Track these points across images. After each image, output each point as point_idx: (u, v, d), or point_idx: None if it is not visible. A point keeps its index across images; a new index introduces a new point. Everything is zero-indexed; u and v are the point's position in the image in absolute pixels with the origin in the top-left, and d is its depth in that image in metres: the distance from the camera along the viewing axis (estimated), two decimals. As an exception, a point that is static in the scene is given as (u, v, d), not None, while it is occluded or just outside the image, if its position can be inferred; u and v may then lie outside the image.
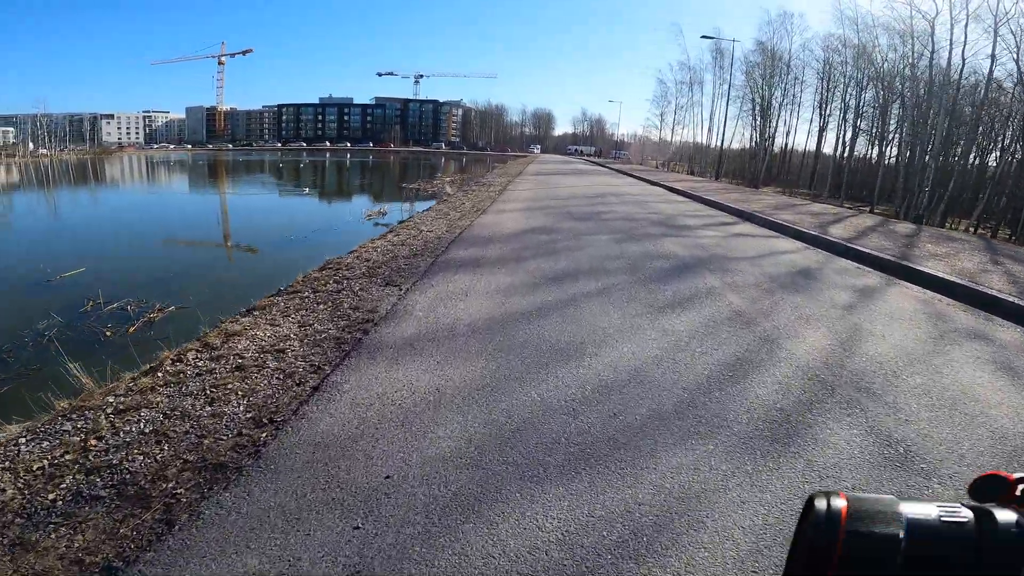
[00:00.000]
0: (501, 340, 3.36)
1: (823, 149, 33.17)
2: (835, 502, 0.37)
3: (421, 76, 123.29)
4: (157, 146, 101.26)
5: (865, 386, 2.91)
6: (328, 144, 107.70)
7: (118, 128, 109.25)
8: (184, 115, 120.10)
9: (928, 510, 0.37)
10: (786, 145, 36.18)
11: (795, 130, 36.38)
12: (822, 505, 0.37)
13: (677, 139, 45.92)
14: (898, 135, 26.48)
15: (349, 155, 76.99)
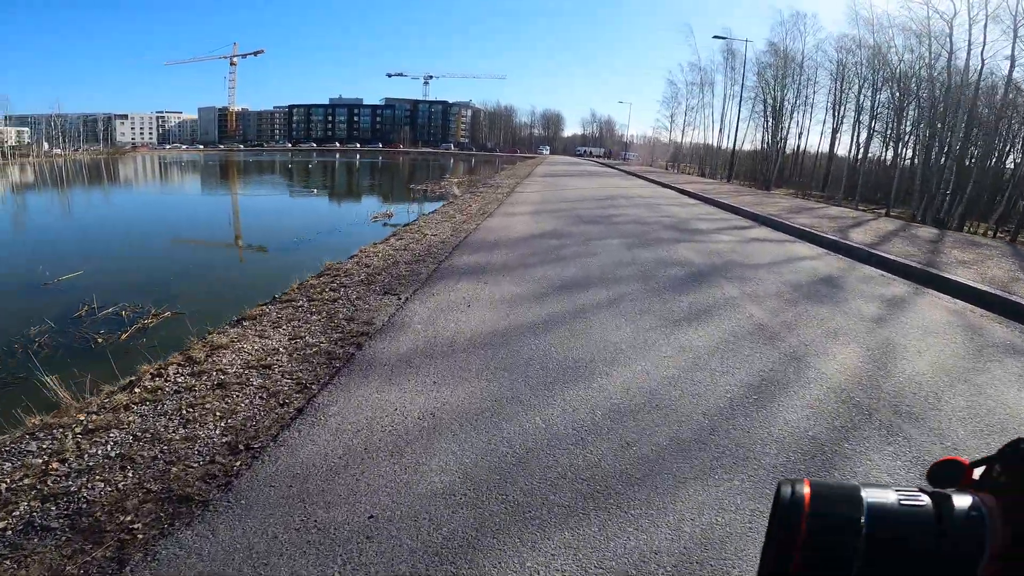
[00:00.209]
0: (504, 357, 3.13)
1: (836, 151, 32.59)
2: (799, 488, 0.37)
3: (431, 77, 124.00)
4: (170, 146, 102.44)
5: (905, 409, 2.65)
6: (338, 145, 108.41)
7: (131, 128, 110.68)
8: (196, 116, 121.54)
9: (887, 495, 0.37)
10: (798, 147, 35.63)
11: (808, 131, 35.54)
12: (787, 491, 0.37)
13: (687, 140, 45.36)
14: (914, 137, 25.90)
15: (359, 156, 77.19)
